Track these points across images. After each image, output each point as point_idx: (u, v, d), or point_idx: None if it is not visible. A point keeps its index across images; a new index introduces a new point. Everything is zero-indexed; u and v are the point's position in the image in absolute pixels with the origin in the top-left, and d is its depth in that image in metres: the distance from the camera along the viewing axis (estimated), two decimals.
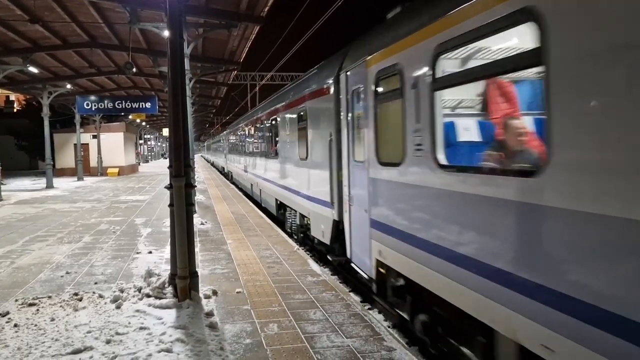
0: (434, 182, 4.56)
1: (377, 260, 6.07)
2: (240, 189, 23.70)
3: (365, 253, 6.53)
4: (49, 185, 25.66)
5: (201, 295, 6.37)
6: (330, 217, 8.16)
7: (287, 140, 11.75)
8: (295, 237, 11.57)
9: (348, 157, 7.27)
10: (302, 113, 10.07)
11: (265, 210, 15.52)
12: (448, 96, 5.11)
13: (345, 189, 7.47)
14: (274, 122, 13.65)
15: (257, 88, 47.75)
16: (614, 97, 2.63)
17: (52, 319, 5.66)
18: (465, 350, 4.53)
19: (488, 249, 3.80)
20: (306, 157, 9.71)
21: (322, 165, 8.47)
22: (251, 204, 17.57)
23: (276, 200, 13.75)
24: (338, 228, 7.98)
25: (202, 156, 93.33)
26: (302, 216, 10.59)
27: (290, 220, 12.14)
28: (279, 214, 13.68)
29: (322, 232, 8.76)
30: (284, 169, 12.22)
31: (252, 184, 19.54)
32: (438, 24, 4.42)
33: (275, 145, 13.41)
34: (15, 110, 51.84)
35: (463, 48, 4.42)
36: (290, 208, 11.82)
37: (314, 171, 9.18)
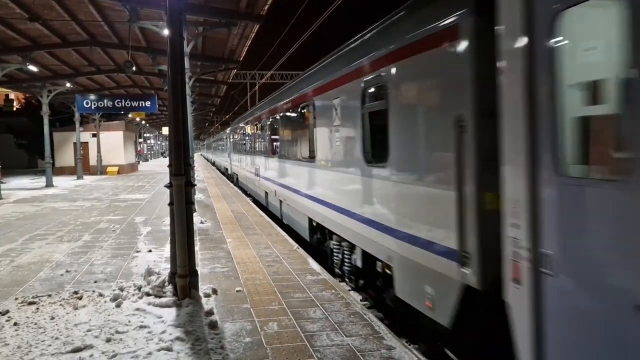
0: None
1: None
2: (246, 193, 21.28)
3: None
4: (49, 184, 25.66)
5: (201, 293, 6.38)
6: (454, 279, 4.34)
7: (336, 134, 7.66)
8: (350, 283, 7.79)
9: (534, 165, 3.12)
10: (375, 88, 6.19)
11: (288, 229, 12.00)
12: None
13: (515, 232, 3.30)
14: (307, 110, 9.69)
15: (257, 87, 47.77)
16: None
17: (52, 318, 5.67)
18: None
19: None
20: (385, 160, 5.76)
21: (433, 177, 4.77)
22: (251, 202, 17.57)
23: (310, 220, 9.65)
24: (472, 302, 4.24)
25: (202, 155, 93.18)
26: (370, 256, 6.50)
27: (339, 255, 8.04)
28: (314, 240, 9.74)
29: (428, 298, 4.81)
30: (330, 177, 8.12)
31: (267, 192, 15.12)
32: None
33: (311, 142, 9.23)
34: (14, 108, 51.89)
35: None
36: (341, 237, 7.73)
37: (408, 187, 5.27)
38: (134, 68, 16.91)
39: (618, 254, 2.56)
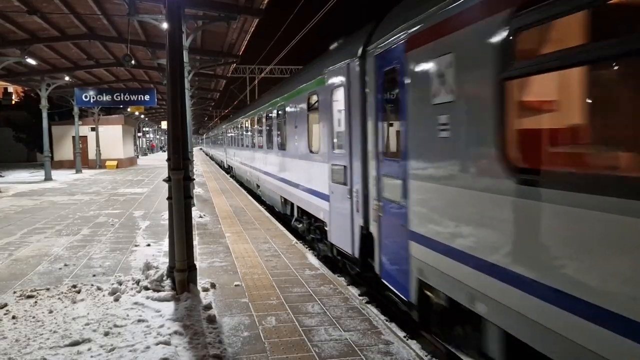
0: None
1: None
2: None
3: None
4: (47, 178, 25.64)
5: (199, 288, 6.38)
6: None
7: None
8: None
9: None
10: None
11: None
12: None
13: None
14: None
15: (257, 81, 47.64)
16: None
17: (51, 311, 5.67)
18: None
19: None
20: None
21: None
22: (250, 197, 17.55)
23: None
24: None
25: (201, 149, 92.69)
26: None
27: None
28: None
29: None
30: None
31: None
32: None
33: None
34: (13, 102, 51.86)
35: None
36: None
37: None
38: (133, 62, 16.82)
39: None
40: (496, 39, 3.45)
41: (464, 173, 4.01)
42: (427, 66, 4.53)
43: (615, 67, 2.99)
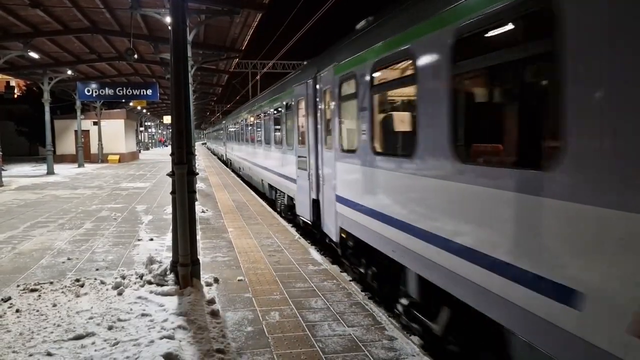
0: None
1: None
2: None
3: None
4: (50, 172, 25.66)
5: (203, 282, 6.38)
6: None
7: None
8: None
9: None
10: None
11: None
12: None
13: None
14: None
15: (259, 76, 47.58)
16: None
17: (54, 305, 5.68)
18: None
19: None
20: None
21: None
22: (252, 192, 17.56)
23: None
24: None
25: (204, 144, 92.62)
26: None
27: None
28: None
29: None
30: None
31: None
32: None
33: None
34: (15, 95, 51.83)
35: None
36: None
37: None
38: (135, 56, 16.78)
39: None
40: None
41: None
42: None
43: None
